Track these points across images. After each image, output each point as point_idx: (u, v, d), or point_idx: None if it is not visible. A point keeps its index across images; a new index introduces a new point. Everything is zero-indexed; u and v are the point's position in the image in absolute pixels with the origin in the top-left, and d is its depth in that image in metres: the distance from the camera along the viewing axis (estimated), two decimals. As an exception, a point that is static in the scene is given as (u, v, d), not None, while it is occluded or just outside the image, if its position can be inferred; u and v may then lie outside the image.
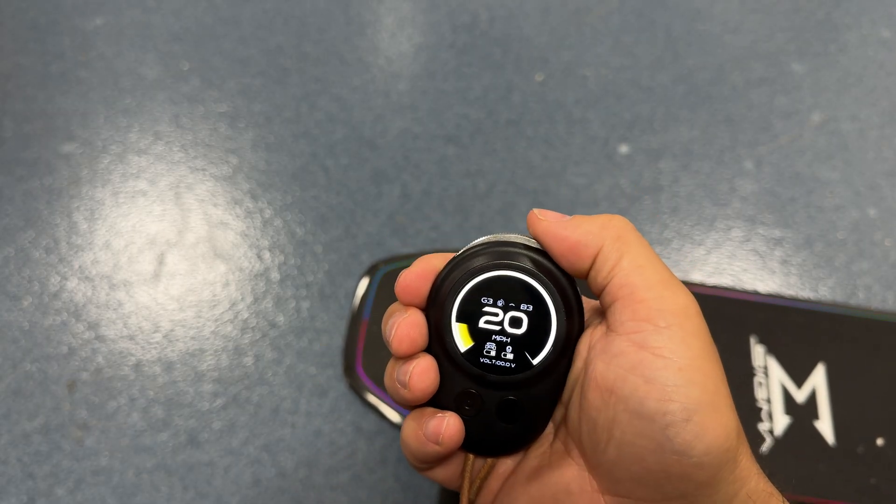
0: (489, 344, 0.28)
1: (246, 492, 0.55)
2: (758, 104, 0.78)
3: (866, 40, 0.84)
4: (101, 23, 0.79)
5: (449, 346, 0.28)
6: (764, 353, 0.59)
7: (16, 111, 0.72)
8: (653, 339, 0.24)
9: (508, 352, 0.28)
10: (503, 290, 0.28)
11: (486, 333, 0.28)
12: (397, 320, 0.28)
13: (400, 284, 0.28)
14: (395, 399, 0.29)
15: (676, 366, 0.24)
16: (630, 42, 0.82)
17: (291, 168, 0.70)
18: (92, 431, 0.56)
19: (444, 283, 0.28)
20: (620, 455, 0.25)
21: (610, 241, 0.27)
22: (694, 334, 0.25)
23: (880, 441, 0.56)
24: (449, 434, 0.27)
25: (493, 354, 0.28)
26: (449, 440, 0.27)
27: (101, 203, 0.67)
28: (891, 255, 0.68)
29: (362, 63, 0.78)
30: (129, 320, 0.61)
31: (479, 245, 0.29)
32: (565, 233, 0.27)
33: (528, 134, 0.74)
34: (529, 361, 0.28)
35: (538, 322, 0.28)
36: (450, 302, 0.28)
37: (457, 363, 0.28)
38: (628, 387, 0.24)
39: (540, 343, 0.28)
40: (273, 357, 0.60)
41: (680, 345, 0.24)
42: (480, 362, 0.28)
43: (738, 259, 0.68)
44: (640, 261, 0.26)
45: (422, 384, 0.27)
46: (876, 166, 0.74)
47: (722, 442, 0.24)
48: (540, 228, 0.28)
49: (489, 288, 0.28)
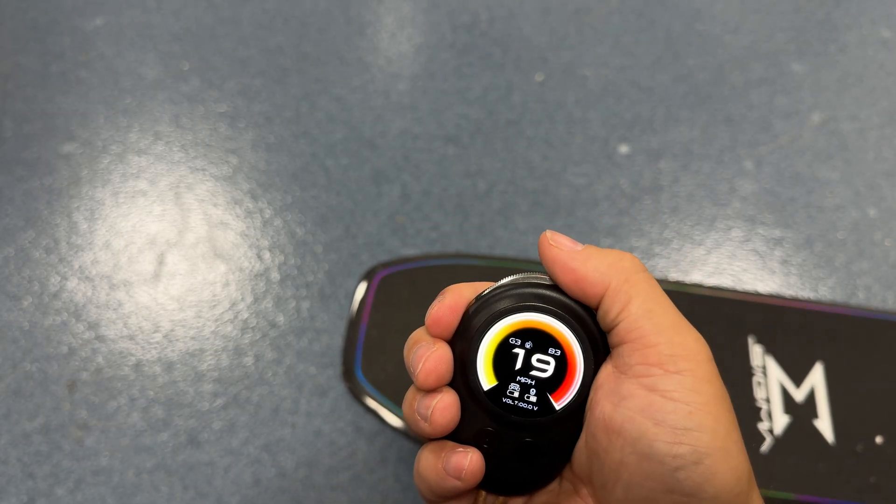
0: (513, 385, 0.28)
1: (246, 492, 0.55)
2: (758, 104, 0.78)
3: (866, 40, 0.84)
4: (101, 23, 0.79)
5: (472, 382, 0.28)
6: (762, 352, 0.59)
7: (16, 111, 0.72)
8: (663, 383, 0.24)
9: (532, 394, 0.28)
10: (532, 333, 0.28)
11: (511, 374, 0.28)
12: (425, 353, 0.27)
13: (432, 317, 0.28)
14: (412, 429, 0.28)
15: (687, 410, 0.24)
16: (630, 42, 0.82)
17: (291, 168, 0.70)
18: (92, 431, 0.56)
19: (474, 319, 0.28)
20: (628, 496, 0.25)
21: (618, 283, 0.26)
22: (705, 380, 0.25)
23: (879, 439, 0.56)
24: (471, 470, 0.27)
25: (517, 396, 0.28)
26: (471, 476, 0.27)
27: (101, 203, 0.67)
28: (891, 255, 0.68)
29: (362, 63, 0.78)
30: (129, 320, 0.61)
31: (513, 283, 0.29)
32: (573, 265, 0.27)
33: (528, 134, 0.74)
34: (552, 406, 0.27)
35: (564, 367, 0.27)
36: (477, 339, 0.28)
37: (479, 400, 0.28)
38: (637, 429, 0.24)
39: (564, 388, 0.27)
40: (273, 357, 0.60)
41: (691, 390, 0.24)
42: (503, 402, 0.28)
43: (738, 259, 0.68)
44: (649, 304, 0.26)
45: (443, 420, 0.27)
46: (876, 166, 0.74)
47: (732, 486, 0.24)
48: (549, 255, 0.28)
49: (519, 328, 0.28)
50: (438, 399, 0.27)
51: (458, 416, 0.28)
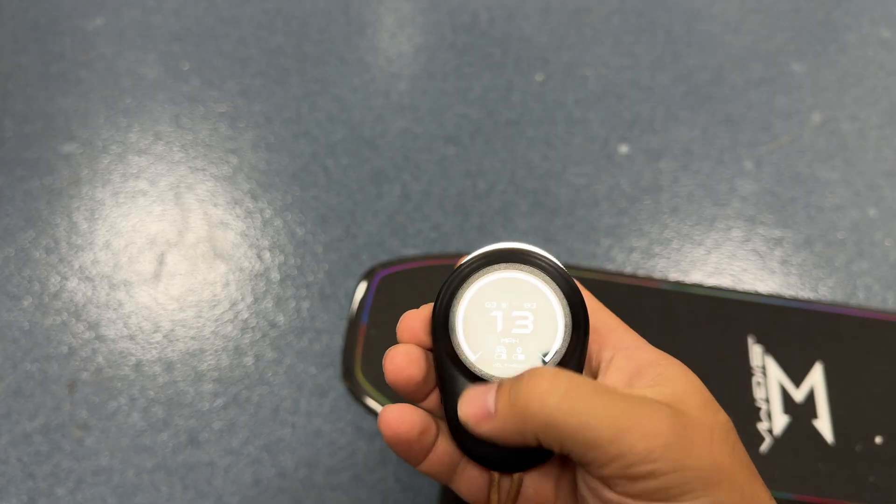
0: (499, 348, 0.27)
1: (246, 492, 0.55)
2: (758, 104, 0.78)
3: (866, 40, 0.84)
4: (102, 23, 0.79)
5: (460, 356, 0.27)
6: (762, 352, 0.59)
7: (16, 111, 0.72)
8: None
9: (519, 353, 0.27)
10: (505, 291, 0.28)
11: (495, 337, 0.27)
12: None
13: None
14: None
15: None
16: (630, 42, 0.82)
17: (291, 168, 0.70)
18: (92, 431, 0.56)
19: (445, 296, 0.28)
20: None
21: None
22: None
23: (879, 439, 0.56)
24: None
25: (505, 358, 0.27)
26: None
27: (102, 203, 0.67)
28: (891, 255, 0.68)
29: (362, 63, 0.78)
30: (130, 320, 0.61)
31: (478, 254, 0.29)
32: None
33: (528, 134, 0.74)
34: (542, 360, 0.27)
35: (545, 317, 0.27)
36: (454, 311, 0.28)
37: (469, 372, 0.27)
38: None
39: (550, 338, 0.27)
40: (273, 357, 0.60)
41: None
42: (493, 367, 0.27)
43: (738, 259, 0.68)
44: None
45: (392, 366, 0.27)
46: (876, 166, 0.74)
47: None
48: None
49: (491, 292, 0.28)
50: (394, 349, 0.27)
51: (415, 366, 0.27)
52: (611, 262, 0.67)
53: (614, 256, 0.67)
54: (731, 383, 0.57)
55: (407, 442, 0.27)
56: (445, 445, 0.28)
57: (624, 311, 0.30)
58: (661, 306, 0.59)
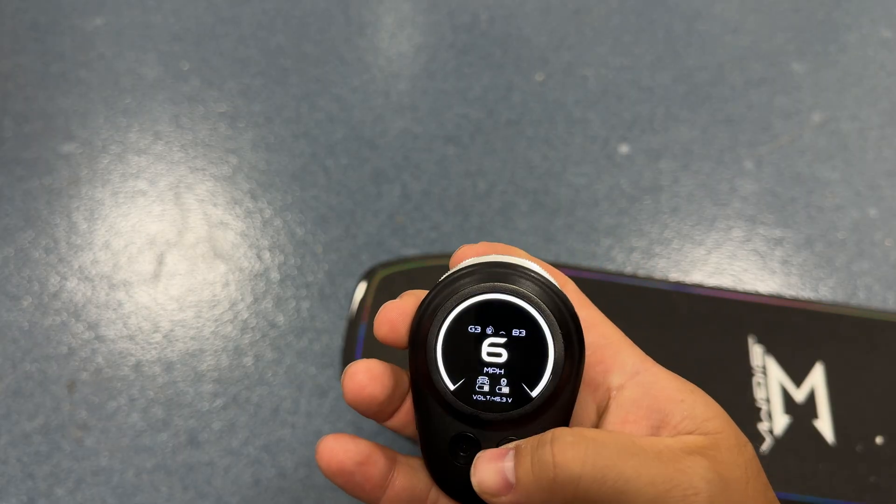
0: (481, 378, 0.24)
1: (246, 492, 0.55)
2: (758, 104, 0.78)
3: (866, 40, 0.84)
4: (101, 23, 0.79)
5: (437, 384, 0.24)
6: (762, 352, 0.59)
7: (16, 111, 0.72)
8: None
9: (503, 385, 0.24)
10: (490, 316, 0.24)
11: (477, 367, 0.24)
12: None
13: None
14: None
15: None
16: (630, 42, 0.82)
17: (291, 168, 0.70)
18: (92, 431, 0.56)
19: (425, 316, 0.25)
20: None
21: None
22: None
23: (879, 439, 0.56)
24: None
25: (487, 390, 0.24)
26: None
27: (101, 203, 0.67)
28: (891, 255, 0.68)
29: (362, 63, 0.78)
30: (129, 320, 0.61)
31: (460, 269, 0.26)
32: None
33: (528, 134, 0.74)
34: (528, 394, 0.24)
35: (533, 347, 0.24)
36: (433, 334, 0.25)
37: (447, 403, 0.25)
38: None
39: (538, 371, 0.24)
40: (273, 357, 0.60)
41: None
42: (473, 400, 0.24)
43: (738, 259, 0.68)
44: None
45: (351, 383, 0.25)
46: (876, 166, 0.74)
47: None
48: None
49: (475, 314, 0.25)
50: (353, 365, 0.25)
51: (377, 384, 0.25)
52: (611, 262, 0.67)
53: (614, 256, 0.67)
54: (731, 384, 0.57)
55: (344, 473, 0.25)
56: (405, 480, 0.26)
57: (624, 312, 0.29)
58: (662, 306, 0.59)
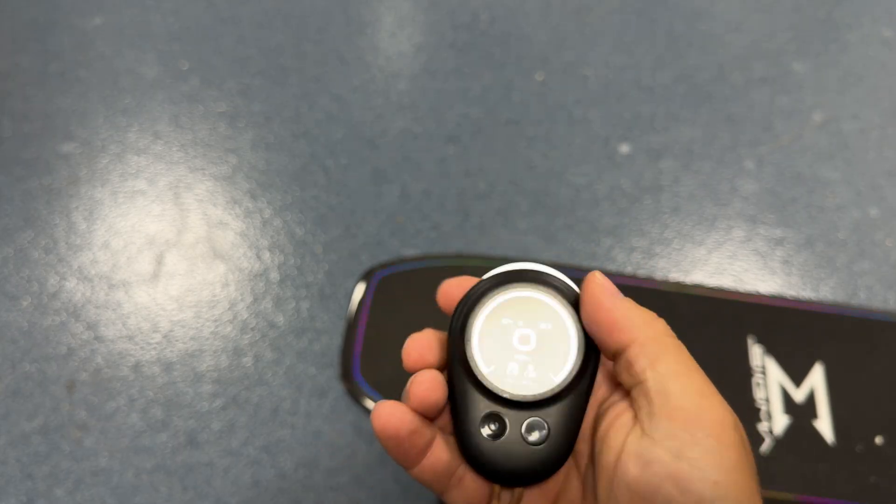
0: (511, 364, 0.28)
1: (245, 492, 0.55)
2: (759, 104, 0.78)
3: (867, 40, 0.84)
4: (101, 22, 0.79)
5: (474, 368, 0.28)
6: (762, 353, 0.59)
7: (15, 111, 0.72)
8: (690, 450, 0.25)
9: (531, 371, 0.28)
10: (522, 309, 0.29)
11: (508, 353, 0.28)
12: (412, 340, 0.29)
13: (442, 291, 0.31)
14: None
15: (713, 479, 0.24)
16: (631, 41, 0.82)
17: (291, 168, 0.70)
18: (91, 432, 0.56)
19: (465, 309, 0.29)
20: None
21: (647, 338, 0.27)
22: (731, 446, 0.25)
23: (879, 439, 0.56)
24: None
25: (516, 374, 0.28)
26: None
27: (100, 203, 0.67)
28: (892, 255, 0.68)
29: (362, 63, 0.78)
30: (128, 320, 0.61)
31: (500, 272, 0.30)
32: (609, 305, 0.28)
33: (528, 134, 0.74)
34: (552, 380, 0.28)
35: (559, 339, 0.28)
36: (470, 325, 0.29)
37: (480, 385, 0.28)
38: (662, 496, 0.25)
39: (562, 360, 0.28)
40: (272, 357, 0.60)
41: (717, 457, 0.25)
42: (504, 383, 0.28)
43: (739, 259, 0.68)
44: (678, 367, 0.26)
45: (421, 390, 0.28)
46: (877, 166, 0.74)
47: None
48: (591, 291, 0.29)
49: (508, 308, 0.29)
50: (420, 374, 0.28)
51: (438, 392, 0.28)
52: (611, 262, 0.67)
53: (615, 256, 0.67)
54: (731, 384, 0.56)
55: (397, 438, 0.28)
56: (441, 454, 0.29)
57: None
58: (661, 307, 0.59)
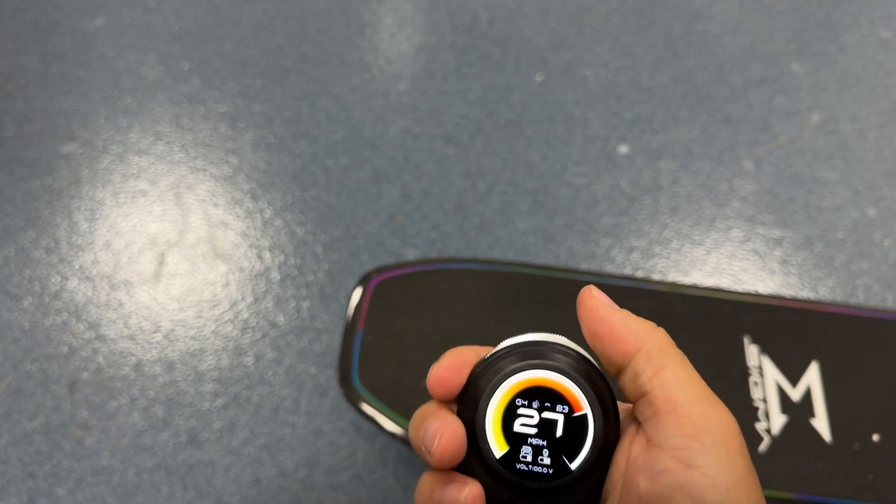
0: (525, 448, 0.27)
1: (246, 491, 0.55)
2: (757, 104, 0.78)
3: (866, 40, 0.84)
4: (102, 23, 0.79)
5: (484, 451, 0.27)
6: (758, 352, 0.59)
7: (16, 111, 0.72)
8: (700, 457, 0.25)
9: (545, 456, 0.27)
10: (538, 392, 0.27)
11: (522, 437, 0.27)
12: (438, 430, 0.27)
13: (433, 377, 0.28)
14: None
15: (724, 486, 0.24)
16: (630, 42, 0.83)
17: (292, 168, 0.70)
18: (92, 431, 0.57)
19: (478, 384, 0.27)
20: None
21: (651, 348, 0.27)
22: (738, 453, 0.25)
23: (876, 437, 0.56)
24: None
25: (530, 460, 0.27)
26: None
27: (102, 203, 0.68)
28: (890, 254, 0.69)
29: (362, 63, 0.79)
30: (130, 320, 0.61)
31: (512, 345, 0.28)
32: (611, 319, 0.28)
33: (528, 134, 0.74)
34: (567, 466, 0.27)
35: (575, 424, 0.27)
36: (483, 405, 0.27)
37: (492, 469, 0.27)
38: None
39: (577, 446, 0.27)
40: (273, 357, 0.60)
41: (727, 464, 0.25)
42: (517, 468, 0.27)
43: (737, 259, 0.68)
44: (682, 375, 0.27)
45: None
46: (875, 166, 0.74)
47: None
48: (588, 305, 0.28)
49: (520, 390, 0.27)
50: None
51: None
52: (610, 262, 0.67)
53: (614, 256, 0.67)
54: (728, 384, 0.57)
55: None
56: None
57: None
58: (657, 307, 0.59)
